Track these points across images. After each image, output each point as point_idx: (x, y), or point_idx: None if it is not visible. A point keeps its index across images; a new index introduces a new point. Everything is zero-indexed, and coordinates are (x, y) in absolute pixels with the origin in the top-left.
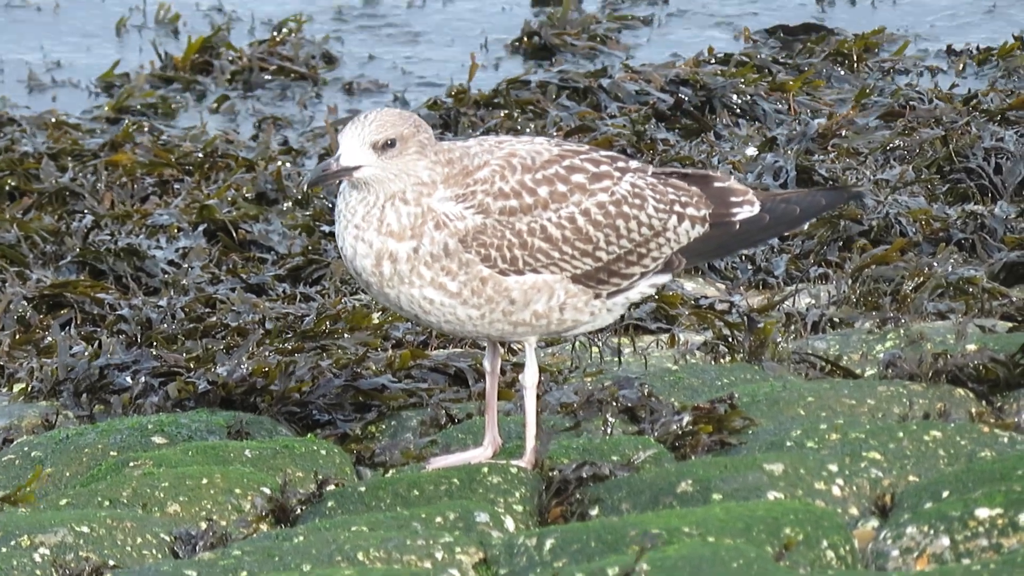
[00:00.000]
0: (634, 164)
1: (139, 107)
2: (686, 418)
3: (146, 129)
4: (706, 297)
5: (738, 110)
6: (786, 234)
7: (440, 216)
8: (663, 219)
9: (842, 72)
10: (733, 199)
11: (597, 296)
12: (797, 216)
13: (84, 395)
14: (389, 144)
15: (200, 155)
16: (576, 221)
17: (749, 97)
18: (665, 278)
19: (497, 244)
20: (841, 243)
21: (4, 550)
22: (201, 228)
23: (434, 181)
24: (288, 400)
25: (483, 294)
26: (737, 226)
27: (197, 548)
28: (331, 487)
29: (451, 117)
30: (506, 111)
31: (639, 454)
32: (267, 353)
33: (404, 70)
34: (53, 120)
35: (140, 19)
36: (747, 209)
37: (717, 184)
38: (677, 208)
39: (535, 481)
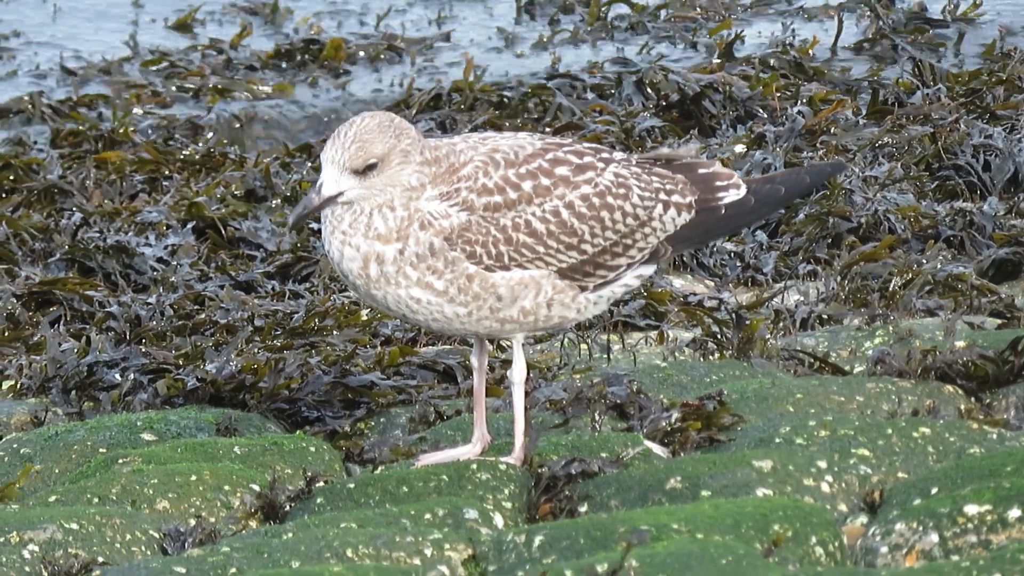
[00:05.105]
0: (618, 155)
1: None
2: (675, 415)
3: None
4: (695, 294)
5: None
6: (771, 220)
7: (425, 216)
8: (649, 208)
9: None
10: (718, 183)
11: (583, 289)
12: (782, 196)
13: (73, 392)
14: (370, 167)
15: (192, 152)
16: (560, 214)
17: (775, 109)
18: (651, 269)
19: (482, 241)
20: (830, 240)
21: None
22: (190, 225)
23: (423, 184)
24: (277, 397)
25: (470, 291)
26: (723, 210)
27: (186, 545)
28: (320, 484)
29: (447, 119)
30: (493, 108)
31: (628, 451)
32: (256, 350)
33: None
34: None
35: None
36: (733, 193)
37: (702, 170)
38: (662, 196)
39: (524, 478)
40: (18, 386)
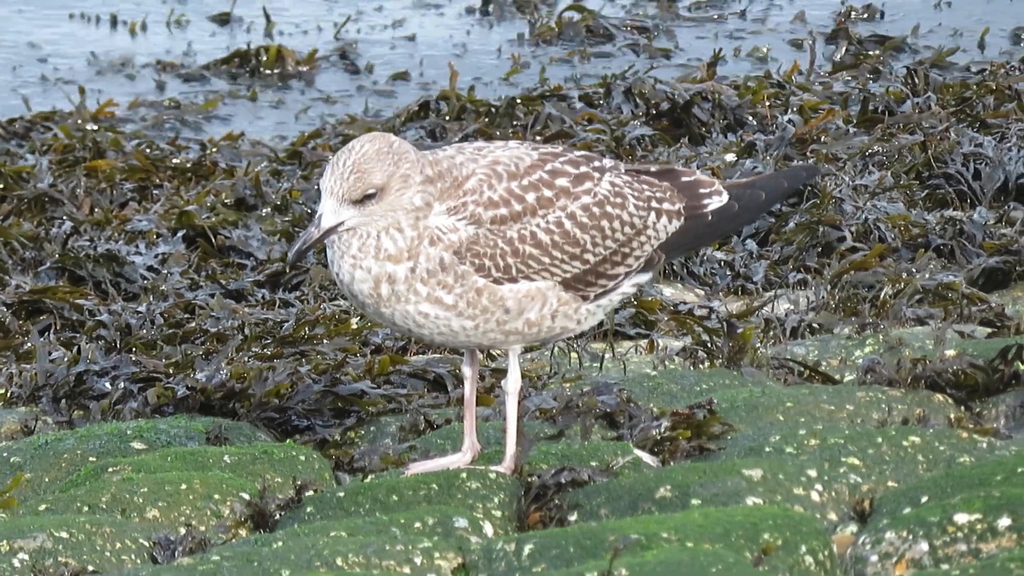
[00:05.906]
0: (608, 162)
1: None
2: (665, 424)
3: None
4: (685, 303)
5: (754, 123)
6: (762, 229)
7: (434, 231)
8: (643, 216)
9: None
10: (702, 191)
11: (585, 299)
12: (763, 200)
13: (63, 401)
14: (369, 196)
15: (183, 161)
16: (563, 225)
17: (767, 117)
18: (647, 277)
19: (490, 253)
20: (820, 249)
21: None
22: (180, 234)
23: (429, 203)
24: (267, 406)
25: (478, 305)
26: (710, 217)
27: (176, 553)
28: (310, 492)
29: (437, 128)
30: (487, 118)
31: (618, 460)
32: (246, 359)
33: None
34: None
35: None
36: (716, 199)
37: (685, 178)
38: (655, 204)
39: (514, 486)
40: (8, 395)
